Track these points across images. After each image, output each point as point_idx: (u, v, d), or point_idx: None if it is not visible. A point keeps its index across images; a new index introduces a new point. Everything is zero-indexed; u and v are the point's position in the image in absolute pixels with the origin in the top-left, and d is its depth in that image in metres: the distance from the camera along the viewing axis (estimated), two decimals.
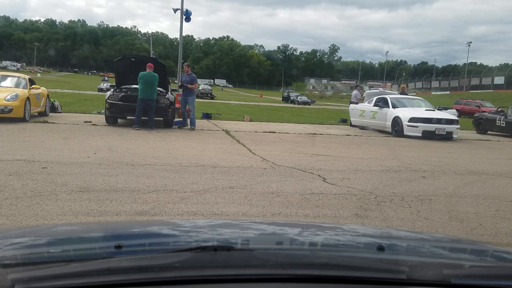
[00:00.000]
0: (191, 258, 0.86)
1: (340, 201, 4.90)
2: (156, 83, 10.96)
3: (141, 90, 10.80)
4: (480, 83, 56.92)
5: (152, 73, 10.87)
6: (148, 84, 10.79)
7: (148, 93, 10.82)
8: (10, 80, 11.91)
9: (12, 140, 7.93)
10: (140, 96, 10.82)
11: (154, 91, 10.97)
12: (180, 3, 16.64)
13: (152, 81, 10.85)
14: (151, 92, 10.90)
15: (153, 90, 10.95)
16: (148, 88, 10.81)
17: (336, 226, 1.73)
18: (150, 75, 10.84)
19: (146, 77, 10.78)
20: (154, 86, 10.94)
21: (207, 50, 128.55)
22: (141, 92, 10.80)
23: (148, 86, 10.79)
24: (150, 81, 10.82)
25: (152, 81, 10.85)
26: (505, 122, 15.63)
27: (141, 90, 10.80)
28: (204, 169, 6.28)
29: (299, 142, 10.73)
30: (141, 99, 10.80)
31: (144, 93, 10.79)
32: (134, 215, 4.00)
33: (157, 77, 10.92)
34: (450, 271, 0.89)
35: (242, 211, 4.34)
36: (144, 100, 10.84)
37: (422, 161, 8.35)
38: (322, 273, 0.86)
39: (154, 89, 10.95)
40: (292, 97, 50.56)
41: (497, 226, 4.30)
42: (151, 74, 10.86)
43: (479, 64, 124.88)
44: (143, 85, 10.77)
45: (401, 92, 18.46)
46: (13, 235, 1.23)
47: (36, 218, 3.74)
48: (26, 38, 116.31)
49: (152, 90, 10.91)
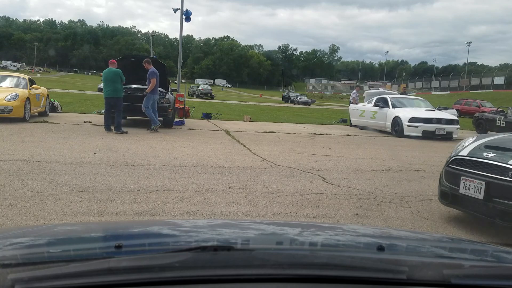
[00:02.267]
0: (191, 258, 0.86)
1: (340, 201, 4.90)
2: (118, 80, 10.22)
3: (103, 88, 10.32)
4: (480, 83, 56.95)
5: (112, 69, 10.23)
6: (108, 81, 10.21)
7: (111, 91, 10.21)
8: (10, 80, 11.91)
9: (12, 140, 7.93)
10: (104, 95, 10.31)
11: (117, 88, 10.25)
12: (180, 3, 16.66)
13: (113, 78, 10.17)
14: (115, 90, 10.22)
15: (116, 88, 10.23)
16: (110, 85, 10.20)
17: (336, 226, 1.73)
18: (110, 72, 10.23)
19: (106, 74, 10.27)
20: (117, 84, 10.24)
21: (207, 50, 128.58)
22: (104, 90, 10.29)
23: (109, 84, 10.20)
24: (111, 78, 10.19)
25: (113, 78, 10.17)
26: (505, 122, 15.64)
27: (104, 88, 10.30)
28: (204, 169, 6.28)
29: (299, 142, 10.73)
30: (106, 97, 10.27)
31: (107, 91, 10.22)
32: (134, 215, 4.00)
33: (118, 73, 10.21)
34: (450, 271, 0.89)
35: (242, 211, 4.34)
36: (109, 99, 10.26)
37: (422, 161, 8.35)
38: (322, 273, 0.86)
39: (117, 86, 10.24)
40: (292, 97, 50.56)
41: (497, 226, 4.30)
42: (111, 70, 10.23)
43: (479, 64, 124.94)
44: (104, 83, 10.26)
45: (401, 92, 18.47)
46: (13, 235, 1.23)
47: (36, 218, 3.75)
48: (26, 38, 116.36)
49: (115, 87, 10.21)
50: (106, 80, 10.28)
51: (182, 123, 13.11)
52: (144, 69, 10.91)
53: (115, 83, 10.23)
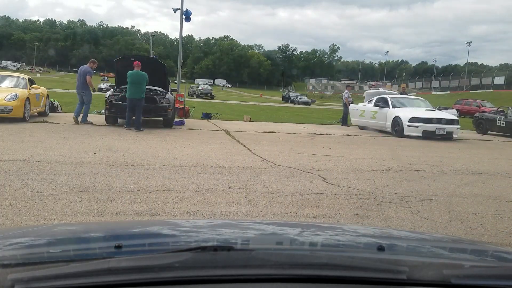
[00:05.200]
0: (191, 258, 0.86)
1: (340, 201, 4.90)
2: (143, 83, 10.70)
3: (128, 89, 10.70)
4: (480, 83, 56.96)
5: (139, 72, 10.68)
6: (135, 84, 10.61)
7: (135, 92, 10.62)
8: (10, 80, 11.91)
9: (12, 140, 7.93)
10: (127, 95, 10.71)
11: (141, 90, 10.70)
12: (180, 3, 16.66)
13: (139, 80, 10.64)
14: (138, 92, 10.66)
15: (140, 90, 10.69)
16: (135, 87, 10.61)
17: (336, 226, 1.73)
18: (138, 75, 10.66)
19: (133, 77, 10.63)
20: (142, 86, 10.68)
21: (207, 50, 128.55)
22: (128, 91, 10.69)
23: (135, 86, 10.60)
24: (137, 81, 10.62)
25: (139, 80, 10.63)
26: (505, 122, 15.63)
27: (128, 89, 10.69)
28: (204, 169, 6.28)
29: (299, 142, 10.73)
30: (129, 98, 10.68)
31: (130, 92, 10.64)
32: (134, 215, 4.00)
33: (145, 77, 10.69)
34: (450, 271, 0.89)
35: (242, 211, 4.34)
36: (131, 100, 10.68)
37: (422, 161, 8.35)
38: (322, 273, 0.86)
39: (141, 88, 10.69)
40: (292, 97, 50.58)
41: (497, 226, 4.30)
42: (139, 73, 10.67)
43: (480, 64, 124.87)
44: (130, 85, 10.64)
45: (401, 92, 18.47)
46: (13, 235, 1.23)
47: (36, 218, 3.74)
48: (26, 38, 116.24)
49: (140, 89, 10.66)
50: (132, 82, 10.63)
51: (182, 123, 13.11)
52: (144, 69, 10.92)
53: (141, 85, 10.70)
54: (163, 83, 12.39)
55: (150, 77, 11.29)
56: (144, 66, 11.06)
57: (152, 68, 12.06)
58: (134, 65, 10.82)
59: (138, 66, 10.79)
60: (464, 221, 4.40)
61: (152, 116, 11.85)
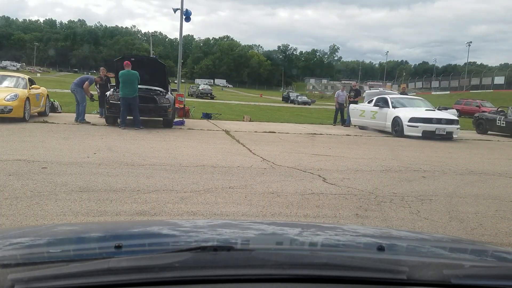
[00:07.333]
0: (191, 258, 0.86)
1: (340, 201, 4.90)
2: (135, 81, 10.78)
3: (121, 89, 10.77)
4: (480, 83, 56.96)
5: (130, 71, 10.79)
6: (127, 83, 10.71)
7: (128, 92, 10.71)
8: (10, 80, 11.91)
9: (12, 140, 7.93)
10: (121, 95, 10.78)
11: (134, 89, 10.79)
12: (180, 3, 16.65)
13: (131, 79, 10.72)
14: (132, 91, 10.75)
15: (133, 88, 10.78)
16: (128, 86, 10.71)
17: (336, 226, 1.73)
18: (129, 74, 10.76)
19: (125, 76, 10.73)
20: (134, 85, 10.78)
21: (207, 50, 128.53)
22: (121, 91, 10.76)
23: (127, 85, 10.70)
24: (129, 80, 10.72)
25: (131, 79, 10.72)
26: (505, 122, 15.63)
27: (121, 89, 10.76)
28: (204, 169, 6.28)
29: (299, 142, 10.73)
30: (123, 98, 10.75)
31: (124, 92, 10.72)
32: (134, 215, 4.00)
33: (136, 75, 10.77)
34: (450, 271, 0.89)
35: (242, 211, 4.34)
36: (125, 99, 10.76)
37: (422, 161, 8.35)
38: (322, 273, 0.86)
39: (134, 87, 10.78)
40: (292, 97, 50.56)
41: (497, 226, 4.30)
42: (130, 72, 10.77)
43: (480, 64, 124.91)
44: (123, 84, 10.73)
45: (401, 92, 18.47)
46: (13, 235, 1.23)
47: (36, 218, 3.74)
48: (26, 38, 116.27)
49: (132, 88, 10.76)
50: (124, 82, 10.73)
51: (182, 123, 13.12)
52: (144, 69, 10.92)
53: (133, 84, 10.79)
54: (163, 83, 12.40)
55: (150, 77, 11.30)
56: (145, 66, 11.08)
57: (152, 68, 12.07)
58: (124, 64, 10.91)
59: (128, 65, 10.91)
60: (464, 221, 4.40)
61: (152, 116, 11.87)
